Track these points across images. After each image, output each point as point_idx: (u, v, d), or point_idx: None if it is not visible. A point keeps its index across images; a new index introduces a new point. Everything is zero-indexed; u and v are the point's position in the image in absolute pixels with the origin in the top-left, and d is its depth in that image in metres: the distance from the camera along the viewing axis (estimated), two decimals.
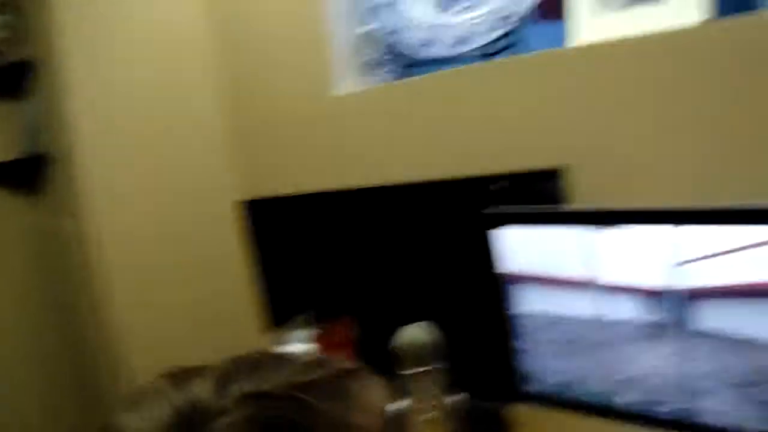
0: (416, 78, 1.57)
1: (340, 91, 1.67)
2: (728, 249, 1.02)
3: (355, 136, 1.65)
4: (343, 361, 0.60)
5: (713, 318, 1.06)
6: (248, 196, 1.88)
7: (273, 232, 1.81)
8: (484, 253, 1.26)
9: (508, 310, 1.26)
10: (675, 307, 1.09)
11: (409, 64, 1.64)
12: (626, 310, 1.14)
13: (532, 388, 1.28)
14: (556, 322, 1.21)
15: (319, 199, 1.67)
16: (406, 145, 1.57)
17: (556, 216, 1.19)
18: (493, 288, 1.26)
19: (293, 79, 1.74)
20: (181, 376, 0.55)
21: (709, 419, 1.10)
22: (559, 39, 1.37)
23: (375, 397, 0.60)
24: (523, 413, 1.33)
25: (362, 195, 1.58)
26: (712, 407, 1.09)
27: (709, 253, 1.04)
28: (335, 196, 1.63)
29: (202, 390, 0.53)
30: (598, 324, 1.17)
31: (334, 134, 1.69)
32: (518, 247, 1.22)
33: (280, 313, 1.78)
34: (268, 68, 1.81)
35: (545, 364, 1.25)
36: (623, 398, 1.18)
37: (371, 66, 1.69)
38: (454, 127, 1.48)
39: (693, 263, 1.06)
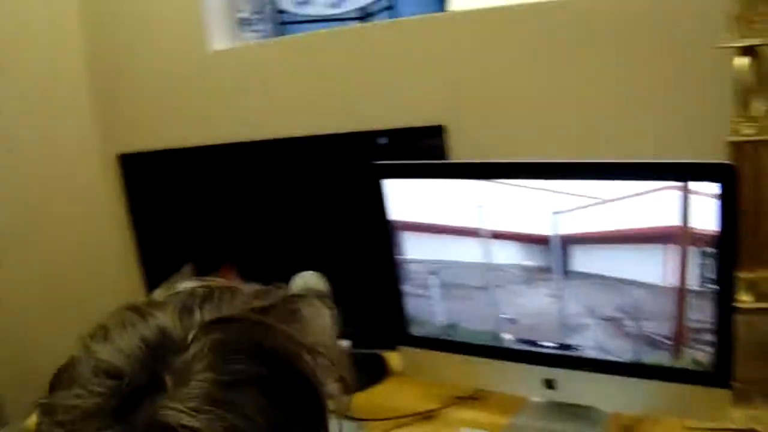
0: (294, 36, 1.62)
1: (216, 47, 1.69)
2: (599, 200, 1.15)
3: (233, 92, 1.68)
4: (288, 288, 0.63)
5: (587, 261, 1.19)
6: (122, 151, 1.85)
7: (150, 186, 1.80)
8: (371, 204, 1.33)
9: (394, 257, 1.34)
10: (553, 252, 1.20)
11: (285, 22, 1.69)
12: (508, 255, 1.24)
13: (419, 331, 1.37)
14: (442, 267, 1.31)
15: (196, 153, 1.67)
16: (285, 101, 1.62)
17: (440, 169, 1.29)
18: (380, 236, 1.33)
19: (168, 34, 1.73)
20: (144, 309, 0.57)
21: (586, 352, 1.24)
22: (433, 4, 1.48)
23: (325, 319, 0.64)
24: (409, 356, 1.42)
25: (241, 149, 1.61)
26: (588, 341, 1.23)
27: (582, 204, 1.16)
28: (214, 150, 1.65)
29: (166, 321, 0.55)
30: (482, 269, 1.27)
31: (213, 90, 1.70)
32: (404, 197, 1.30)
33: (158, 268, 1.78)
34: (143, 23, 1.78)
35: (431, 308, 1.34)
36: (507, 337, 1.30)
37: (247, 23, 1.72)
38: (332, 85, 1.56)
39: (568, 213, 1.17)
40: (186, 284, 0.62)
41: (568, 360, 1.26)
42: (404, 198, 1.31)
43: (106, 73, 1.88)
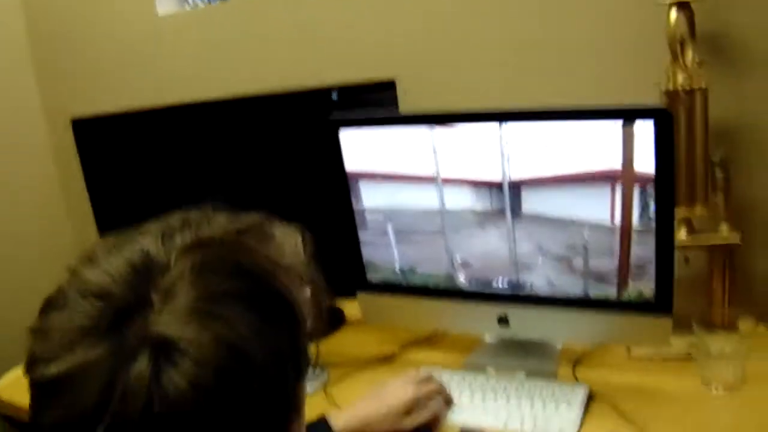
0: None
1: (162, 12, 1.69)
2: (547, 145, 1.22)
3: (183, 55, 1.69)
4: (257, 213, 0.67)
5: (537, 203, 1.26)
6: (75, 117, 1.84)
7: (104, 151, 1.79)
8: (327, 156, 1.36)
9: (352, 206, 1.39)
10: (505, 195, 1.27)
11: None
12: (461, 200, 1.31)
13: (377, 278, 1.43)
14: (398, 214, 1.37)
15: (151, 116, 1.68)
16: (236, 62, 1.65)
17: (397, 119, 1.34)
18: (337, 187, 1.38)
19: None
20: (127, 236, 0.61)
21: (537, 290, 1.31)
22: None
23: (297, 242, 0.69)
24: (368, 302, 1.47)
25: (195, 110, 1.62)
26: (539, 279, 1.31)
27: (532, 148, 1.23)
28: (168, 112, 1.66)
29: (149, 245, 0.59)
30: (436, 214, 1.34)
31: (163, 53, 1.71)
32: (360, 148, 1.35)
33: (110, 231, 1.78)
34: None
35: (389, 254, 1.40)
36: (461, 279, 1.37)
37: None
38: (282, 45, 1.59)
39: (518, 157, 1.24)
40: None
41: (520, 298, 1.33)
42: (360, 149, 1.36)
43: (53, 41, 1.86)
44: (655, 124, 1.14)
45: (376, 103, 1.44)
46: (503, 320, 1.36)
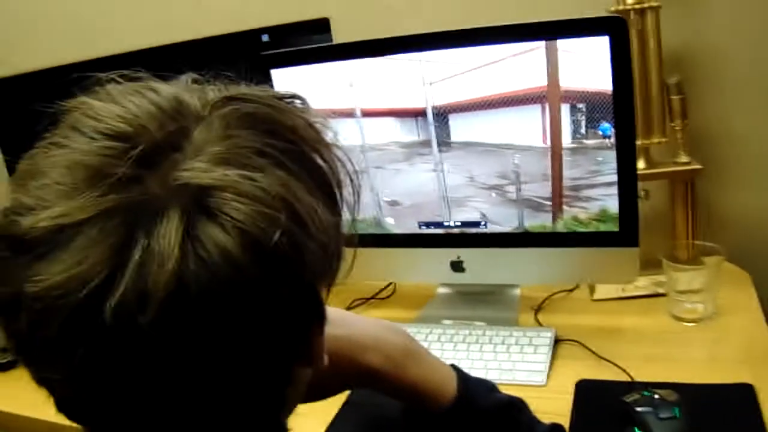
0: None
1: None
2: (473, 66, 1.13)
3: (106, 6, 1.59)
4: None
5: (465, 130, 1.17)
6: None
7: (16, 112, 1.64)
8: None
9: None
10: (431, 124, 1.18)
11: None
12: (385, 133, 1.21)
13: None
14: None
15: (72, 70, 1.55)
16: (163, 8, 1.55)
17: (321, 52, 1.23)
18: None
19: None
20: (147, 82, 0.50)
21: (473, 225, 1.22)
22: None
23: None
24: None
25: (127, 59, 1.48)
26: (474, 213, 1.21)
27: (456, 72, 1.14)
28: (95, 63, 1.52)
29: (181, 92, 0.48)
30: (358, 151, 1.23)
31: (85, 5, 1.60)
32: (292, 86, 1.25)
33: None
34: None
35: None
36: (393, 221, 1.27)
37: None
38: None
39: (442, 83, 1.15)
40: None
41: (454, 237, 1.24)
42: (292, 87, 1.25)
43: None
44: (609, 34, 1.06)
45: (310, 44, 1.33)
46: (458, 266, 1.25)
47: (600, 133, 1.10)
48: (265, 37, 1.35)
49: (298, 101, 0.53)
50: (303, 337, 0.50)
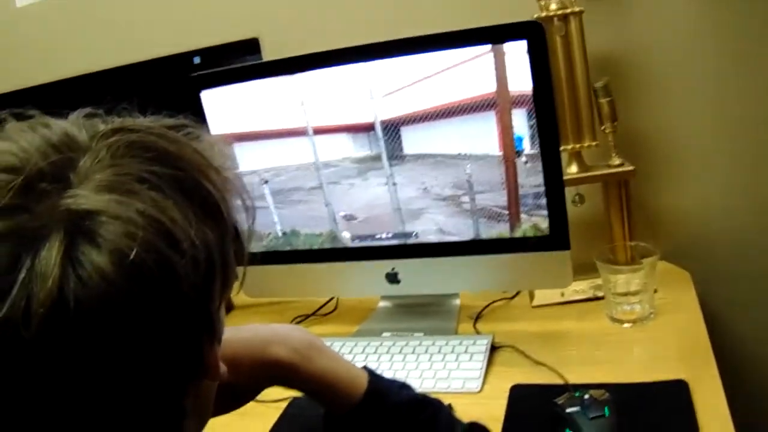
0: None
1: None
2: (418, 78, 1.13)
3: (44, 39, 1.60)
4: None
5: (418, 142, 1.17)
6: None
7: None
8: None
9: None
10: (382, 138, 1.18)
11: None
12: (337, 149, 1.21)
13: (259, 247, 1.30)
14: (273, 174, 1.26)
15: (22, 95, 1.55)
16: (96, 38, 1.55)
17: (259, 69, 1.22)
18: None
19: None
20: (42, 120, 0.53)
21: (428, 237, 1.21)
22: None
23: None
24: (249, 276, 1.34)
25: (61, 86, 1.49)
26: (429, 225, 1.21)
27: (402, 84, 1.14)
28: (27, 93, 1.52)
29: (71, 126, 0.51)
30: (313, 168, 1.23)
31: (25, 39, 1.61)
32: (224, 108, 1.24)
33: None
34: None
35: (269, 218, 1.29)
36: (345, 236, 1.26)
37: None
38: (140, 13, 1.51)
39: (390, 95, 1.15)
40: None
41: (406, 250, 1.23)
42: (224, 109, 1.25)
43: None
44: (527, 38, 1.07)
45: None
46: (392, 277, 1.25)
47: None
48: (196, 60, 1.35)
49: (188, 129, 0.56)
50: (193, 350, 0.52)
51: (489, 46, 1.09)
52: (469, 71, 1.11)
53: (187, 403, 0.54)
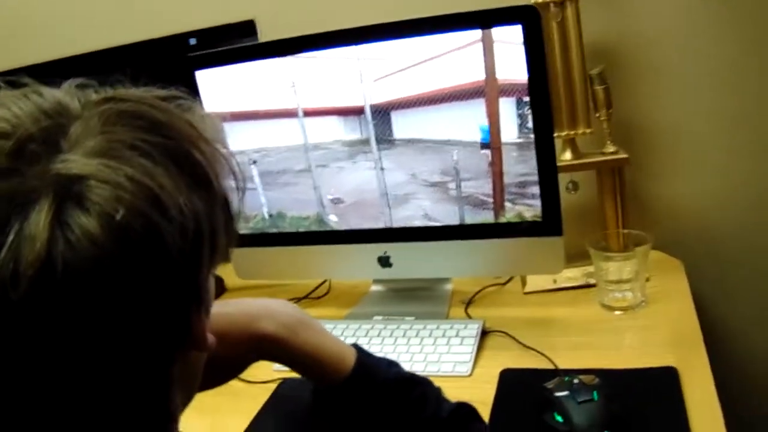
0: None
1: None
2: (410, 63, 1.12)
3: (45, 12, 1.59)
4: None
5: (407, 127, 1.16)
6: None
7: None
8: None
9: None
10: (372, 122, 1.17)
11: None
12: (327, 132, 1.20)
13: (246, 228, 1.30)
14: (262, 155, 1.26)
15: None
16: (89, 16, 1.55)
17: (253, 50, 1.22)
18: None
19: None
20: (34, 87, 0.53)
21: (416, 222, 1.21)
22: None
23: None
24: (240, 257, 1.31)
25: (57, 66, 1.49)
26: (417, 210, 1.20)
27: (394, 69, 1.13)
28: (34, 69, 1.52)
29: (63, 95, 0.52)
30: (303, 149, 1.23)
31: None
32: (218, 88, 1.24)
33: None
34: None
35: (257, 200, 1.28)
36: (332, 219, 1.26)
37: None
38: None
39: (381, 79, 1.14)
40: None
41: (399, 233, 1.23)
42: (218, 89, 1.24)
43: None
44: (522, 22, 1.06)
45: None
46: (384, 261, 1.25)
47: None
48: (192, 41, 1.35)
49: (181, 101, 0.56)
50: (180, 318, 0.52)
51: (480, 33, 1.08)
52: (460, 58, 1.11)
53: (174, 371, 0.54)
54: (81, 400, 0.48)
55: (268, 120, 1.23)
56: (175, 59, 1.28)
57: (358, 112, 1.18)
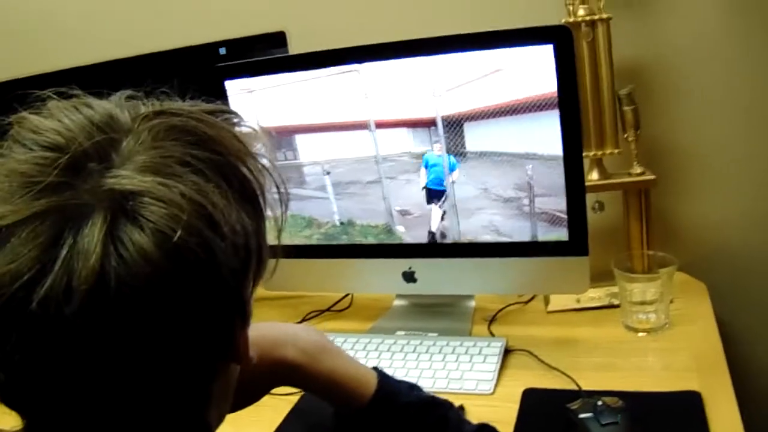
0: None
1: None
2: (479, 74, 1.11)
3: (67, 21, 1.60)
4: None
5: (478, 140, 1.15)
6: None
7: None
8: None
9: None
10: (443, 134, 1.16)
11: None
12: (397, 143, 1.20)
13: (316, 234, 1.30)
14: (334, 166, 1.25)
15: (46, 79, 1.55)
16: (120, 24, 1.57)
17: (281, 62, 1.24)
18: None
19: None
20: (83, 100, 0.54)
21: (486, 237, 1.20)
22: None
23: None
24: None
25: (90, 71, 1.50)
26: (487, 225, 1.19)
27: (464, 81, 1.12)
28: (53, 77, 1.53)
29: (114, 108, 0.53)
30: (373, 161, 1.22)
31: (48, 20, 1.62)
32: (279, 99, 1.24)
33: None
34: None
35: (329, 209, 1.29)
36: (401, 229, 1.25)
37: None
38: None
39: (454, 90, 1.13)
40: None
41: (466, 248, 1.22)
42: (282, 100, 1.24)
43: None
44: (555, 45, 1.06)
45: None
46: (409, 276, 1.25)
47: None
48: (222, 50, 1.36)
49: (228, 115, 0.57)
50: (226, 332, 0.53)
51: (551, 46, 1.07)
52: (532, 69, 1.09)
53: (215, 386, 0.55)
54: (127, 411, 0.49)
55: (338, 132, 1.23)
56: (206, 68, 1.28)
57: (426, 123, 1.17)
